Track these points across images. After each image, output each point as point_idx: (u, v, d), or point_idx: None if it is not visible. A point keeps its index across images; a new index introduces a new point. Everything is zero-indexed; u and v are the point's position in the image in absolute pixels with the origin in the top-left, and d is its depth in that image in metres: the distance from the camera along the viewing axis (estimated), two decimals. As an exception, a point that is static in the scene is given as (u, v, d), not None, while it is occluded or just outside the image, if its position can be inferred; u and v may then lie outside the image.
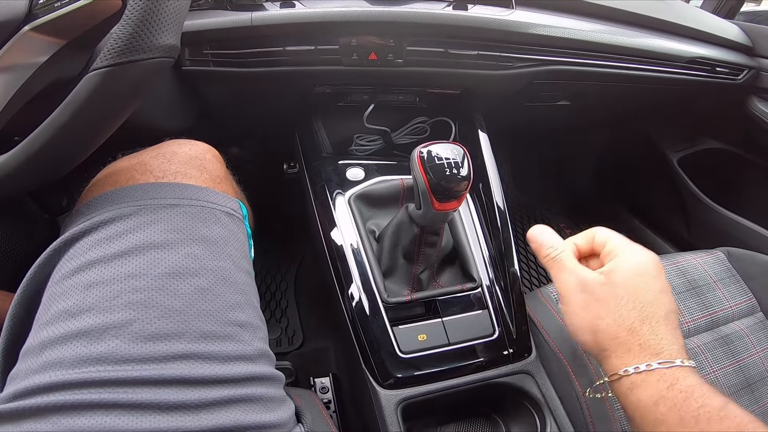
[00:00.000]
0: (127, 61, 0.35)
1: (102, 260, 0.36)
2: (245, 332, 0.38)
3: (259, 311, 0.43)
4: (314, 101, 0.80)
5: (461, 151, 0.49)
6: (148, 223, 0.38)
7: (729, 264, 0.75)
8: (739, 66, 0.91)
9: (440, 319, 0.57)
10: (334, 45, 0.66)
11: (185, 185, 0.43)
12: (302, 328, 1.00)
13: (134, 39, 0.35)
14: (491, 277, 0.63)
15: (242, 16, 0.64)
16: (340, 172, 0.70)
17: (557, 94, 0.89)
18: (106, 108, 0.37)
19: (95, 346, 0.32)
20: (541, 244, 0.44)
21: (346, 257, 0.61)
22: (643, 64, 0.80)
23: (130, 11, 0.35)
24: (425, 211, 0.50)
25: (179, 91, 0.72)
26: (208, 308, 0.36)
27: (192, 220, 0.40)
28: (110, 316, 0.33)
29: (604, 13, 0.81)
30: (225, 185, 0.48)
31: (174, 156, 0.47)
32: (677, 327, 0.39)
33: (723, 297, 0.70)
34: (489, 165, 0.73)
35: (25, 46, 0.40)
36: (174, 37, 0.38)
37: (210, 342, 0.35)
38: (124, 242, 0.37)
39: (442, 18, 0.66)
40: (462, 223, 0.66)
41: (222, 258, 0.40)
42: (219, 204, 0.44)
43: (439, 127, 0.82)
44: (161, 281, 0.35)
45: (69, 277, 0.36)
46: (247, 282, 0.42)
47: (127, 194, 0.41)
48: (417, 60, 0.69)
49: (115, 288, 0.34)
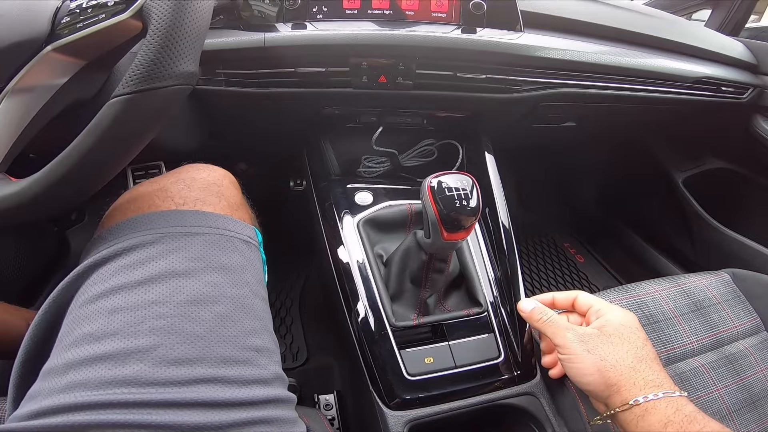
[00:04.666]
0: (149, 89, 0.36)
1: (126, 286, 0.37)
2: (262, 357, 0.39)
3: (274, 335, 0.44)
4: (323, 122, 0.81)
5: (470, 182, 0.50)
6: (170, 251, 0.40)
7: (734, 285, 0.75)
8: (744, 85, 0.91)
9: (447, 342, 0.58)
10: (345, 67, 0.67)
11: (205, 213, 0.45)
12: (306, 344, 1.00)
13: (155, 66, 0.36)
14: (497, 301, 0.63)
15: (255, 36, 0.65)
16: (349, 196, 0.71)
17: (564, 116, 0.90)
18: (128, 134, 0.38)
19: (120, 369, 0.33)
20: (530, 315, 0.53)
21: (353, 277, 0.61)
22: (649, 85, 0.81)
23: (151, 37, 0.36)
24: (434, 240, 0.51)
25: (191, 109, 0.74)
26: (228, 334, 0.37)
27: (212, 248, 0.42)
28: (135, 341, 0.34)
29: (611, 34, 0.82)
30: (242, 212, 0.49)
31: (194, 182, 0.48)
32: (663, 368, 0.46)
33: (728, 317, 0.70)
34: (496, 189, 0.73)
35: (46, 67, 0.41)
36: (193, 63, 0.39)
37: (229, 366, 0.36)
38: (148, 269, 0.38)
39: (452, 42, 0.66)
40: (469, 247, 0.66)
41: (240, 285, 0.41)
42: (237, 232, 0.45)
43: (447, 149, 0.83)
44: (183, 308, 0.37)
45: (93, 301, 0.37)
46: (262, 308, 0.44)
47: (149, 221, 0.42)
48: (426, 83, 0.70)
49: (139, 314, 0.35)
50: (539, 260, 1.34)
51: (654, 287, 0.74)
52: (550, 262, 1.33)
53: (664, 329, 0.67)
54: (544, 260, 1.34)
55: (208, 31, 0.41)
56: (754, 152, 1.00)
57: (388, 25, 0.69)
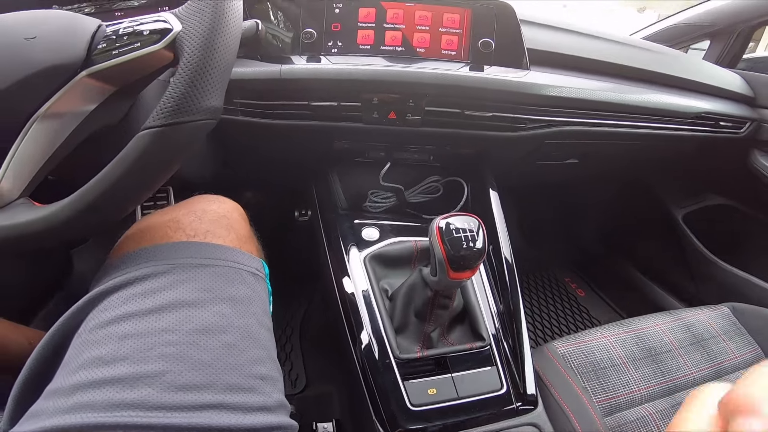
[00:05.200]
0: (177, 123, 0.37)
1: (137, 314, 0.38)
2: (266, 385, 0.40)
3: (278, 364, 0.45)
4: (333, 155, 0.82)
5: (477, 224, 0.52)
6: (180, 281, 0.41)
7: (734, 318, 0.76)
8: (741, 119, 0.92)
9: (450, 374, 0.59)
10: (356, 102, 0.69)
11: (215, 245, 0.46)
12: (306, 371, 1.00)
13: (185, 100, 0.37)
14: (499, 335, 0.64)
15: (272, 68, 0.67)
16: (356, 231, 0.72)
17: (567, 153, 0.91)
18: (155, 166, 0.39)
19: (128, 392, 0.33)
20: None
21: (358, 307, 0.62)
22: (650, 121, 0.82)
23: (182, 71, 0.38)
24: (441, 278, 0.53)
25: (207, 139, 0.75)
26: (234, 362, 0.38)
27: (220, 280, 0.43)
28: (144, 366, 0.35)
29: (614, 71, 0.83)
30: (249, 245, 0.51)
31: (204, 214, 0.49)
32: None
33: (728, 348, 0.72)
34: (500, 227, 0.75)
35: (79, 92, 0.42)
36: (219, 98, 0.40)
37: (235, 394, 0.37)
38: (159, 298, 0.39)
39: (460, 80, 0.69)
40: (472, 283, 0.67)
41: (247, 316, 0.42)
42: (245, 264, 0.46)
43: (452, 186, 0.84)
44: (192, 336, 0.37)
45: (103, 326, 0.37)
46: (267, 337, 0.45)
47: (160, 252, 0.43)
48: (434, 120, 0.72)
49: (149, 340, 0.36)
50: (540, 294, 1.34)
51: (655, 321, 0.75)
52: (551, 296, 1.34)
53: (665, 361, 0.69)
54: (545, 294, 1.35)
55: (234, 63, 0.42)
56: (753, 188, 1.01)
57: (400, 61, 0.72)
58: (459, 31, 0.72)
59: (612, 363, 0.67)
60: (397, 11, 0.72)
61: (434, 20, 0.72)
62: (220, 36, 0.40)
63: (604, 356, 0.68)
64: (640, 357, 0.69)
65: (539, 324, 1.22)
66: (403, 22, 0.72)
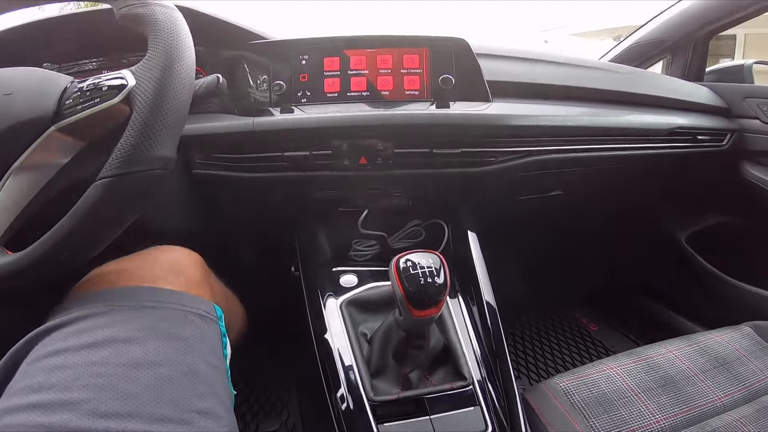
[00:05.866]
0: (127, 173, 0.39)
1: (71, 349, 0.39)
2: (205, 420, 0.40)
3: (227, 403, 0.45)
4: (315, 206, 0.83)
5: (438, 260, 0.52)
6: (119, 321, 0.42)
7: (758, 337, 0.72)
8: (719, 131, 0.91)
9: (428, 416, 0.57)
10: (327, 150, 0.71)
11: (161, 289, 0.48)
12: (303, 422, 0.98)
13: (134, 150, 0.39)
14: (483, 374, 0.62)
15: (246, 121, 0.69)
16: (334, 279, 0.72)
17: (547, 185, 0.90)
18: (108, 215, 0.41)
19: (49, 417, 0.35)
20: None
21: (335, 360, 0.62)
22: (624, 142, 0.81)
23: (133, 122, 0.40)
24: (405, 317, 0.53)
25: (190, 194, 0.77)
26: (168, 396, 0.39)
27: (163, 320, 0.44)
28: (68, 394, 0.36)
29: (579, 95, 0.84)
30: (201, 289, 0.53)
31: (155, 262, 0.52)
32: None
33: (757, 369, 0.67)
34: (479, 266, 0.74)
35: (50, 146, 0.44)
36: (170, 149, 0.42)
37: (165, 425, 0.37)
38: (94, 336, 0.41)
39: (424, 118, 0.70)
40: (453, 323, 0.66)
41: (191, 353, 0.43)
42: (192, 306, 0.47)
43: (434, 229, 0.84)
44: (122, 369, 0.39)
45: (39, 360, 0.39)
46: (214, 375, 0.45)
47: (104, 296, 0.46)
48: (405, 162, 0.73)
49: (77, 371, 0.38)
50: (551, 334, 1.30)
51: (668, 348, 0.71)
52: (562, 335, 1.29)
53: (683, 388, 0.64)
54: (556, 333, 1.30)
55: (186, 114, 0.44)
56: (750, 200, 0.98)
57: (367, 105, 0.73)
58: (420, 70, 0.74)
59: (621, 395, 0.62)
60: (359, 57, 0.74)
61: (395, 62, 0.74)
62: (169, 88, 0.42)
63: (610, 388, 0.63)
64: (654, 386, 0.64)
65: (550, 364, 1.17)
66: (366, 68, 0.74)
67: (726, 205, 1.10)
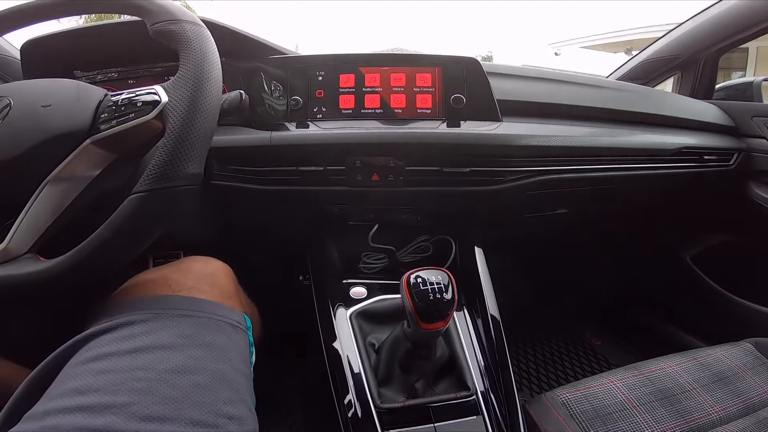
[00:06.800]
0: (160, 188, 0.41)
1: (116, 354, 0.42)
2: (233, 424, 0.42)
3: (251, 408, 0.47)
4: (327, 219, 0.85)
5: (446, 277, 0.54)
6: (160, 328, 0.45)
7: (758, 353, 0.73)
8: (726, 150, 0.91)
9: (432, 424, 0.58)
10: (341, 166, 0.73)
11: (197, 299, 0.50)
12: (307, 429, 0.99)
13: (167, 167, 0.41)
14: (486, 385, 0.63)
15: (263, 135, 0.72)
16: (344, 291, 0.74)
17: (554, 203, 0.90)
18: (141, 227, 0.43)
19: (94, 419, 0.36)
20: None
21: (344, 367, 0.63)
22: (632, 162, 0.82)
23: (166, 140, 0.42)
24: (414, 329, 0.55)
25: (208, 205, 0.79)
26: (202, 401, 0.41)
27: (199, 328, 0.47)
28: (114, 397, 0.38)
29: (587, 114, 0.84)
30: (233, 300, 0.55)
31: (190, 272, 0.55)
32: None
33: (755, 383, 0.68)
34: (484, 281, 0.75)
35: (85, 158, 0.46)
36: (198, 165, 0.44)
37: (199, 428, 0.39)
38: (138, 342, 0.43)
39: (436, 137, 0.72)
40: (459, 335, 0.68)
41: (222, 361, 0.45)
42: (224, 316, 0.50)
43: (442, 244, 0.85)
44: (164, 375, 0.41)
45: (84, 363, 0.41)
46: (242, 382, 0.47)
47: (146, 303, 0.48)
48: (416, 179, 0.74)
49: (122, 376, 0.39)
50: (554, 347, 1.31)
51: (668, 363, 0.72)
52: (565, 348, 1.31)
53: (681, 401, 0.65)
54: (559, 347, 1.31)
55: (214, 132, 0.46)
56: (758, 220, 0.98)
57: (380, 123, 0.75)
58: (432, 89, 0.76)
59: (620, 407, 0.64)
60: (374, 75, 0.76)
61: (408, 81, 0.76)
62: (199, 107, 0.44)
63: (610, 401, 0.64)
64: (653, 400, 0.65)
65: (553, 375, 1.19)
66: (380, 85, 0.76)
67: (731, 225, 1.10)
